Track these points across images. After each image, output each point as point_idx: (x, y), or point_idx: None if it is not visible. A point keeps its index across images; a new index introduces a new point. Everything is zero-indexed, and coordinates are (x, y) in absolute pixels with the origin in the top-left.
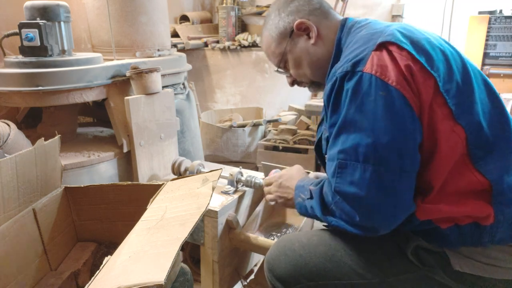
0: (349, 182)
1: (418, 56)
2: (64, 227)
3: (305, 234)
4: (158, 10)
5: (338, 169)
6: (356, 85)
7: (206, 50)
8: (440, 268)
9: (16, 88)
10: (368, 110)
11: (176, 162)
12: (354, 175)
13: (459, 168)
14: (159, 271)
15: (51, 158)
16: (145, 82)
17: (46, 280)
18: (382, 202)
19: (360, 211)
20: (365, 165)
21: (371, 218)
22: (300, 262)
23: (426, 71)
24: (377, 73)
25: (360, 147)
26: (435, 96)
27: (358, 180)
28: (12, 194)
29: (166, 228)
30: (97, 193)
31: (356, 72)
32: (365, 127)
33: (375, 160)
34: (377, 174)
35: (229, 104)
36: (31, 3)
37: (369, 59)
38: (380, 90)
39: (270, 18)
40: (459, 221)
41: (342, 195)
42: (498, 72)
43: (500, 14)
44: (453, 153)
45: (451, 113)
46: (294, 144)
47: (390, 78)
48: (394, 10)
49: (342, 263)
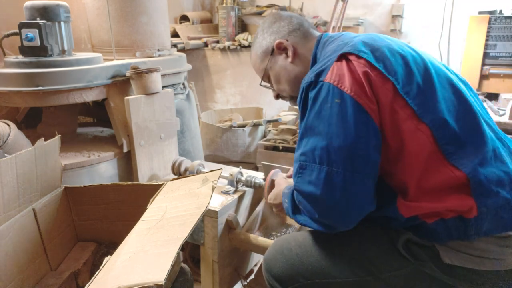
0: (307, 181)
1: (376, 63)
2: (64, 227)
3: (301, 234)
4: (158, 10)
5: (299, 170)
6: (316, 93)
7: (206, 50)
8: (431, 261)
9: (16, 88)
10: (324, 116)
11: (176, 162)
12: (312, 175)
13: (433, 164)
14: (159, 271)
15: (51, 158)
16: (145, 82)
17: (46, 280)
18: (336, 201)
19: (317, 209)
20: (321, 166)
21: (328, 216)
22: (297, 261)
23: (383, 76)
24: (335, 82)
25: (317, 150)
26: (395, 99)
27: (315, 180)
28: (12, 194)
29: (166, 228)
30: (97, 193)
31: (318, 82)
32: (321, 131)
33: (328, 161)
34: (331, 175)
35: (229, 104)
36: (31, 3)
37: (329, 70)
38: (336, 98)
39: (257, 37)
40: (444, 215)
41: (301, 194)
42: (498, 72)
43: (500, 14)
44: (421, 151)
45: (414, 113)
46: (294, 144)
47: (345, 86)
48: (394, 10)
49: (337, 261)
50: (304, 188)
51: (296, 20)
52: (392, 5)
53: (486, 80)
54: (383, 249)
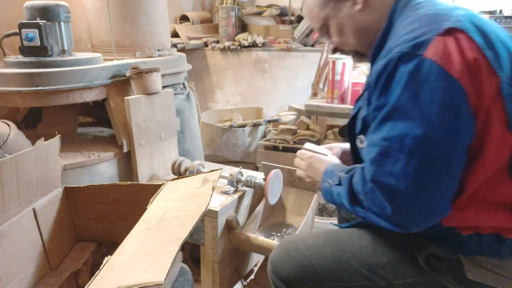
0: (389, 172)
1: (486, 51)
2: (64, 227)
3: (310, 235)
4: (158, 10)
5: (378, 157)
6: (414, 70)
7: (206, 50)
8: (450, 274)
9: (16, 88)
10: (423, 99)
11: (176, 162)
12: (396, 166)
13: (497, 177)
14: (159, 271)
15: (51, 158)
16: (145, 82)
17: (46, 280)
18: (419, 200)
19: (393, 204)
20: (409, 158)
21: (403, 214)
22: (306, 263)
23: (491, 70)
24: (440, 60)
25: (408, 138)
26: (495, 99)
27: (399, 172)
28: (12, 194)
29: (166, 228)
30: (97, 193)
31: (416, 55)
32: (417, 117)
33: (421, 154)
34: (421, 170)
35: (229, 104)
36: (31, 3)
37: (432, 43)
38: (441, 80)
39: None
40: (481, 230)
41: (378, 185)
42: None
43: (500, 14)
44: (496, 161)
45: (506, 119)
46: (294, 144)
47: (454, 70)
48: None
49: (348, 265)
50: (384, 179)
51: None
52: None
53: None
54: (399, 256)
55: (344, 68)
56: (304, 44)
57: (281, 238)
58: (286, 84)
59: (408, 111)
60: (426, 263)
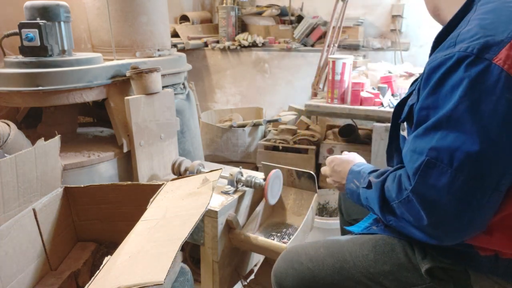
0: (431, 185)
1: None
2: (64, 227)
3: (312, 246)
4: (158, 10)
5: (423, 167)
6: (478, 76)
7: (206, 50)
8: (454, 284)
9: (16, 88)
10: (484, 111)
11: (176, 162)
12: (440, 179)
13: None
14: (159, 271)
15: (51, 158)
16: (145, 82)
17: (46, 280)
18: (459, 215)
19: (431, 217)
20: (457, 174)
21: (440, 228)
22: (308, 275)
23: None
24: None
25: (459, 152)
26: None
27: (443, 186)
28: (12, 194)
29: (166, 228)
30: (97, 193)
31: (482, 59)
32: (474, 131)
33: (471, 171)
34: (468, 187)
35: (229, 104)
36: (31, 3)
37: (506, 47)
38: (508, 93)
39: None
40: (502, 254)
41: (418, 197)
42: None
43: None
44: None
45: None
46: (294, 144)
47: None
48: (394, 10)
49: (350, 276)
50: (425, 191)
51: None
52: (392, 5)
53: None
54: (399, 264)
55: (344, 68)
56: (304, 44)
57: (281, 238)
58: (286, 84)
59: (464, 123)
60: (429, 273)
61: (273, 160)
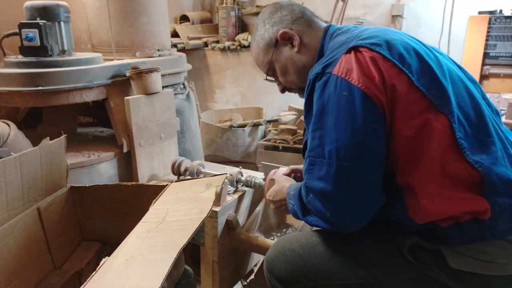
0: (317, 177)
1: (389, 56)
2: (69, 226)
3: (304, 235)
4: (158, 10)
5: (309, 166)
6: (323, 85)
7: (206, 50)
8: (437, 266)
9: (16, 88)
10: (332, 110)
11: (176, 162)
12: (321, 171)
13: (449, 160)
14: (154, 278)
15: (57, 157)
16: (145, 82)
17: (50, 278)
18: (348, 197)
19: (328, 206)
20: (330, 161)
21: (340, 213)
22: (300, 262)
23: (398, 68)
24: (342, 74)
25: (326, 145)
26: (410, 90)
27: (325, 175)
28: (16, 193)
29: (165, 232)
30: (102, 193)
31: (325, 74)
32: (329, 125)
33: (338, 156)
34: (341, 169)
35: (229, 104)
36: (31, 3)
37: (338, 62)
38: (344, 90)
39: (257, 30)
40: (459, 219)
41: (312, 191)
42: (498, 72)
43: (500, 14)
44: (439, 143)
45: (431, 103)
46: (294, 144)
47: (353, 78)
48: (394, 10)
49: (341, 263)
50: (314, 184)
51: (297, 9)
52: (392, 5)
53: (486, 80)
54: (388, 253)
55: None
56: None
57: None
58: None
59: (322, 122)
60: (412, 255)
61: (273, 160)
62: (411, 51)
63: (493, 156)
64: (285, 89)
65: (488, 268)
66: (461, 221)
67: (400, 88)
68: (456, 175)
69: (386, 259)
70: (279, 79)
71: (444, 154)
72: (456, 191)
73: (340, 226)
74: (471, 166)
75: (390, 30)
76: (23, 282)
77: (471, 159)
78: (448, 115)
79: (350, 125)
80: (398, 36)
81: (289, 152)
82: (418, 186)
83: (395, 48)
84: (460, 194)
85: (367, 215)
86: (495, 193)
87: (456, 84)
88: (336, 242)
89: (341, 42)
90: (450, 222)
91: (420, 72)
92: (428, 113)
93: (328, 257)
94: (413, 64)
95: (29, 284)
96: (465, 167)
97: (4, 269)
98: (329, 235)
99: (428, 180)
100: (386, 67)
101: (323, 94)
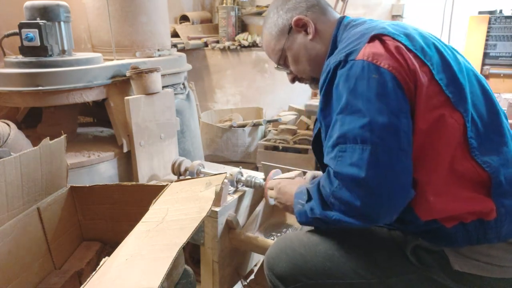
0: (349, 164)
1: (411, 46)
2: (69, 226)
3: (305, 234)
4: (158, 10)
5: (338, 153)
6: (348, 71)
7: (206, 50)
8: (439, 267)
9: (16, 88)
10: (361, 93)
11: (176, 162)
12: (353, 156)
13: (458, 158)
14: (154, 277)
15: (57, 157)
16: (145, 82)
17: (50, 278)
18: (381, 183)
19: (360, 194)
20: (363, 146)
21: (371, 202)
22: (300, 261)
23: (420, 59)
24: (369, 58)
25: (357, 129)
26: (430, 83)
27: (358, 161)
28: (16, 192)
29: (165, 232)
30: (102, 193)
31: (348, 61)
32: (360, 109)
33: (372, 140)
34: (375, 154)
35: (229, 104)
36: (31, 3)
37: (361, 49)
38: (373, 73)
39: (269, 17)
40: (464, 219)
41: (342, 178)
42: (498, 72)
43: (500, 14)
44: (451, 140)
45: (448, 100)
46: (294, 144)
47: (382, 62)
48: (394, 10)
49: (342, 263)
50: (346, 170)
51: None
52: (392, 5)
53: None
54: (390, 253)
55: None
56: None
57: None
58: (286, 84)
59: (351, 106)
60: (415, 257)
61: (273, 160)
62: (431, 45)
63: (503, 157)
64: (296, 78)
65: (491, 270)
66: (466, 222)
67: (422, 79)
68: (464, 174)
69: (388, 260)
70: (290, 68)
71: (454, 152)
72: (464, 190)
73: (369, 217)
74: (479, 166)
75: (407, 25)
76: (23, 282)
77: (480, 159)
78: (463, 113)
79: (385, 106)
80: (416, 30)
81: (289, 152)
82: (426, 182)
83: (416, 41)
84: (467, 193)
85: (398, 205)
86: (501, 195)
87: (472, 82)
88: (338, 241)
89: (361, 33)
90: (455, 222)
91: (440, 66)
92: (443, 109)
93: (329, 256)
94: (433, 58)
95: (29, 284)
96: (473, 167)
97: (4, 269)
98: (330, 234)
99: (437, 176)
100: (410, 56)
101: (348, 79)
